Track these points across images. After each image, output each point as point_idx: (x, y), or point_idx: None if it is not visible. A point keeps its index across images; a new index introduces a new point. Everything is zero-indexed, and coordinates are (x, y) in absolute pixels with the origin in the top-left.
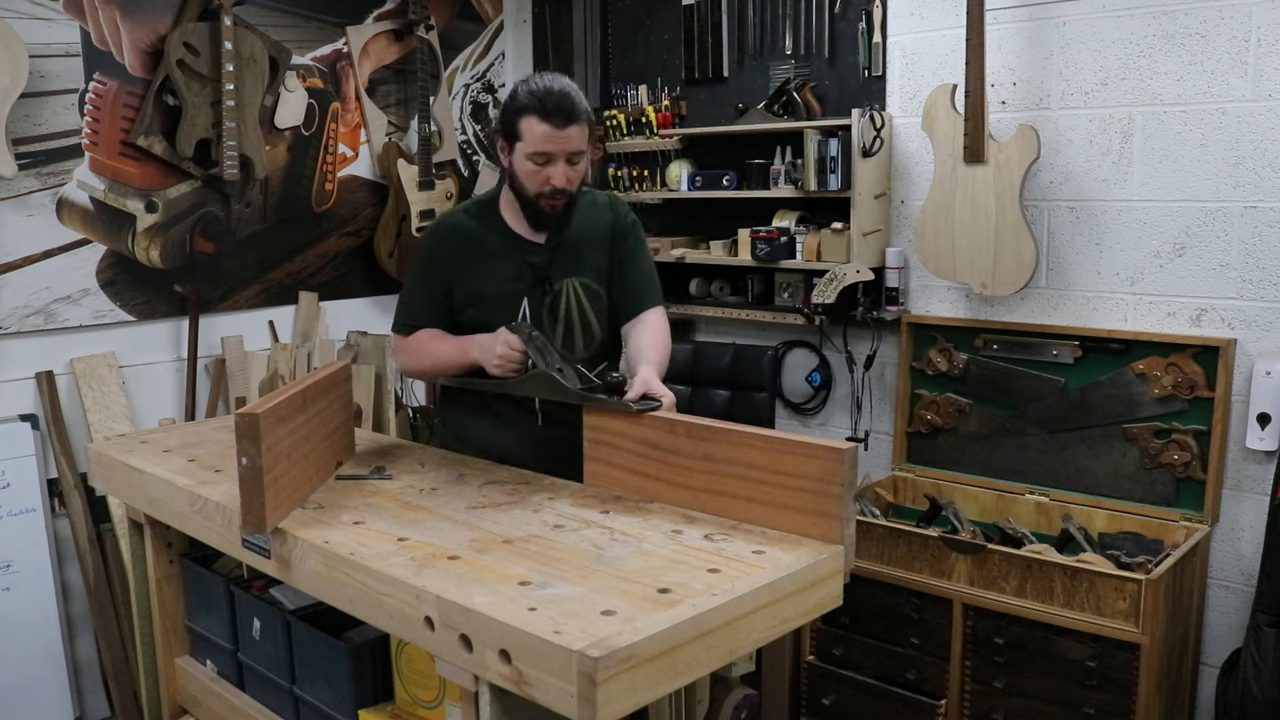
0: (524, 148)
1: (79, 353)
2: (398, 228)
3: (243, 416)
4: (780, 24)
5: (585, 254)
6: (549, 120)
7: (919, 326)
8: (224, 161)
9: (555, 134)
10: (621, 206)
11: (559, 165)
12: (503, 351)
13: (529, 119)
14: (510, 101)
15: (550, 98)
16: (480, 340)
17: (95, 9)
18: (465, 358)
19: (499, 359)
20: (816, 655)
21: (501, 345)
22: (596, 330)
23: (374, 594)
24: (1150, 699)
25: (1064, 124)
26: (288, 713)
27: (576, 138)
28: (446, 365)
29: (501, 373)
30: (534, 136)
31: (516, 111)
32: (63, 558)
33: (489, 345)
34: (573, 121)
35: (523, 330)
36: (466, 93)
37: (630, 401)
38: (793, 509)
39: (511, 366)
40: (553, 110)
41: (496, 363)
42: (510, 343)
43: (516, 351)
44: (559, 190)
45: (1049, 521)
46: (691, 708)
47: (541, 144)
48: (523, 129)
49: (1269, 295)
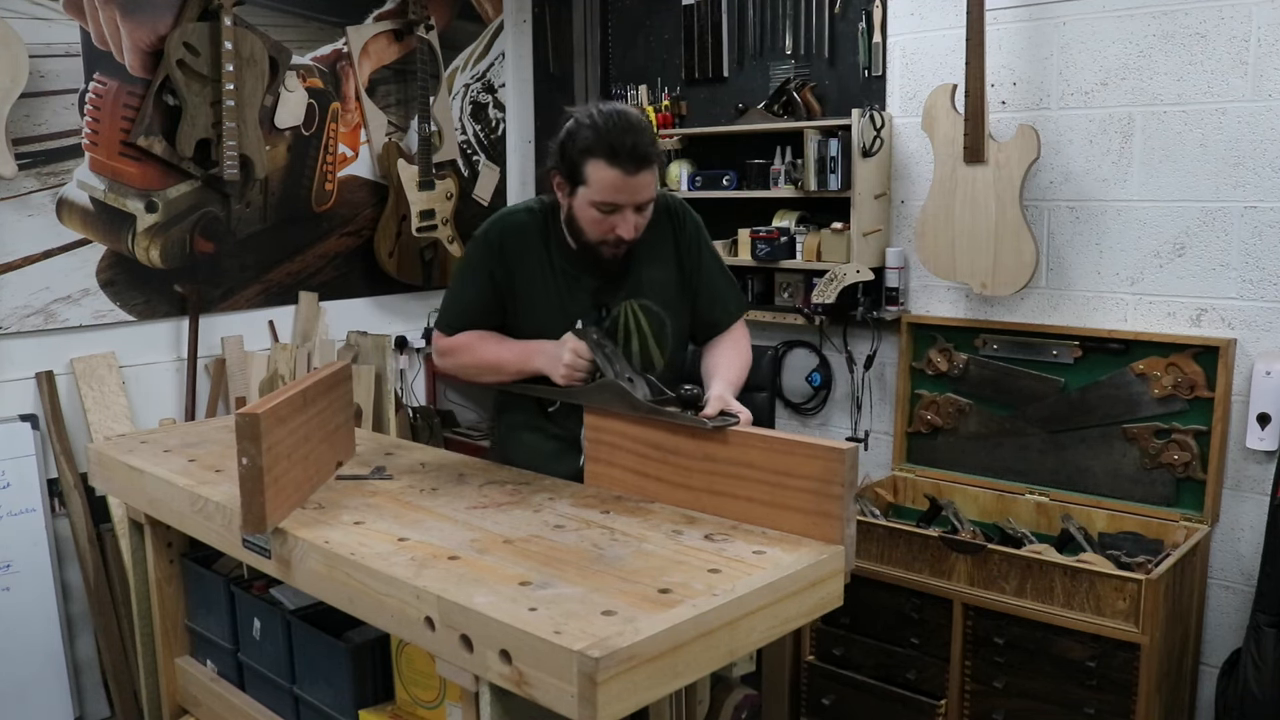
0: (588, 194)
1: (79, 353)
2: (398, 228)
3: (243, 416)
4: (780, 24)
5: (645, 272)
6: (619, 166)
7: (919, 326)
8: (224, 161)
9: (626, 182)
10: (681, 211)
11: (627, 215)
12: (570, 359)
13: (596, 163)
14: (571, 139)
15: (621, 138)
16: (545, 346)
17: (95, 9)
18: (526, 364)
19: (566, 366)
20: (816, 655)
21: (569, 353)
22: (656, 355)
23: (374, 594)
24: (1150, 699)
25: (1064, 124)
26: (288, 713)
27: (648, 185)
28: (502, 369)
29: (568, 381)
30: (602, 185)
31: (582, 153)
32: (63, 558)
33: (555, 352)
34: (645, 166)
35: (590, 335)
36: (466, 93)
37: (706, 417)
38: (793, 509)
39: (579, 375)
40: (625, 155)
41: (564, 371)
42: (578, 350)
43: (584, 359)
44: (623, 241)
45: (1049, 521)
46: (692, 708)
47: (610, 194)
48: (589, 174)
49: (1269, 295)
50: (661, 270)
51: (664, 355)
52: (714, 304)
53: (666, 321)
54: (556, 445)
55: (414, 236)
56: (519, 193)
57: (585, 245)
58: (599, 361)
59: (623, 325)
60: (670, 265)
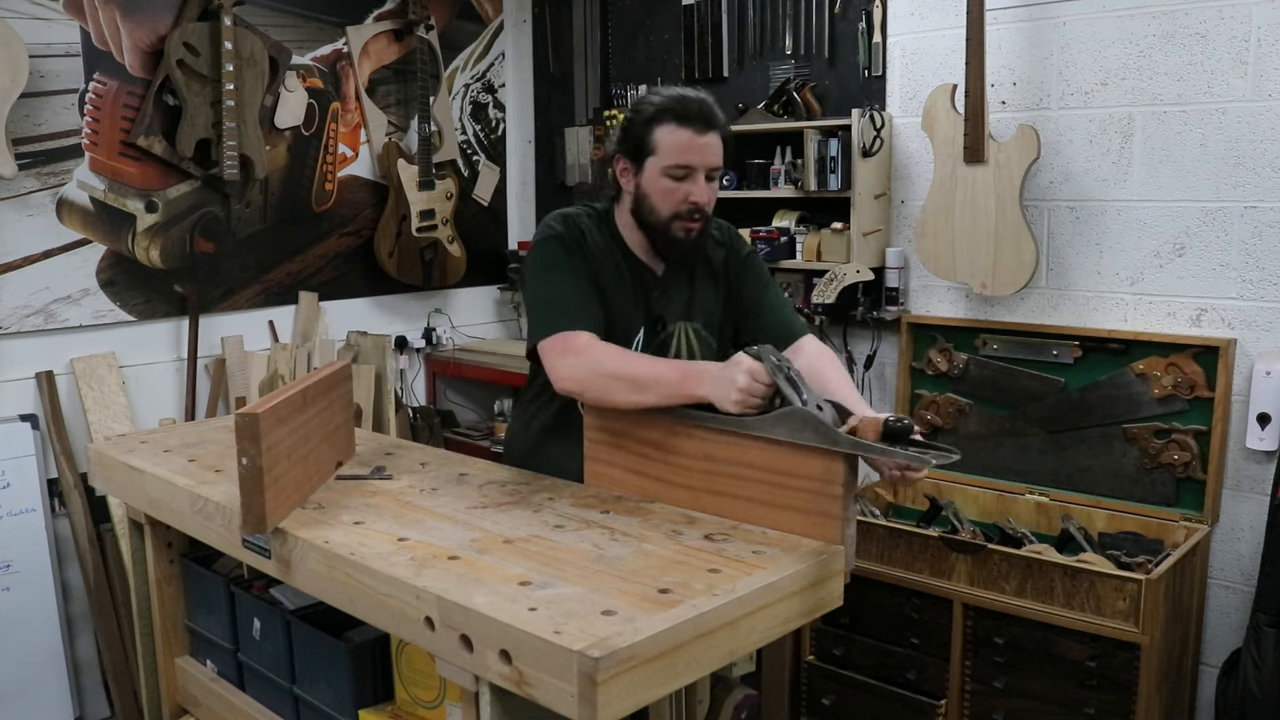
0: (659, 161)
1: (79, 353)
2: (398, 228)
3: (243, 416)
4: (780, 24)
5: (697, 295)
6: (690, 125)
7: (919, 326)
8: (224, 161)
9: (697, 141)
10: (736, 237)
11: (699, 180)
12: (745, 384)
13: (666, 126)
14: (637, 115)
15: (688, 102)
16: (711, 369)
17: (95, 9)
18: (685, 388)
19: (741, 391)
20: (816, 655)
21: (745, 376)
22: None
23: (374, 594)
24: (1150, 699)
25: (1064, 124)
26: (288, 713)
27: (717, 148)
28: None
29: (741, 410)
30: (673, 146)
31: (649, 121)
32: (63, 558)
33: (725, 377)
34: (713, 128)
35: (769, 357)
36: (466, 93)
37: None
38: (793, 509)
39: (754, 402)
40: (695, 115)
41: (736, 397)
42: (755, 373)
43: (762, 384)
44: (698, 209)
45: (1049, 521)
46: (692, 708)
47: (683, 154)
48: (658, 140)
49: (1269, 295)
50: (710, 292)
51: None
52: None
53: (714, 346)
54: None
55: (414, 236)
56: (519, 193)
57: (657, 227)
58: (782, 386)
59: (674, 346)
60: (719, 287)
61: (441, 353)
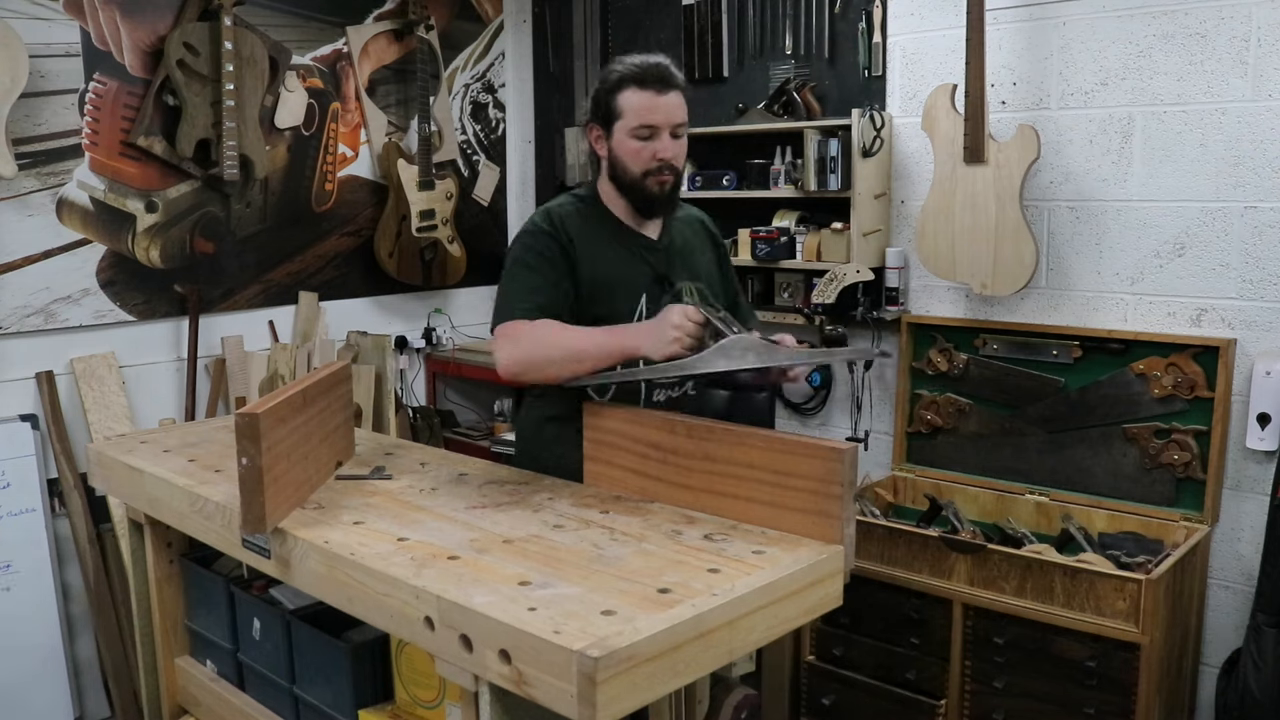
0: (625, 124)
1: (79, 353)
2: (398, 228)
3: (243, 416)
4: (780, 24)
5: (697, 260)
6: (649, 87)
7: (919, 326)
8: (224, 161)
9: (657, 101)
10: (712, 224)
11: (664, 137)
12: (679, 321)
13: (628, 91)
14: (602, 84)
15: (647, 66)
16: (641, 324)
17: (95, 9)
18: (619, 345)
19: (675, 329)
20: (816, 655)
21: (678, 315)
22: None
23: (374, 594)
24: (1150, 699)
25: (1064, 124)
26: (288, 713)
27: (677, 106)
28: (588, 355)
29: (679, 346)
30: (636, 108)
31: (612, 89)
32: (63, 558)
33: (656, 325)
34: (672, 87)
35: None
36: (466, 93)
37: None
38: (793, 509)
39: (689, 341)
40: (653, 78)
41: (673, 334)
42: (688, 313)
43: (694, 322)
44: (666, 164)
45: (1049, 521)
46: (691, 708)
47: (645, 115)
48: (622, 104)
49: (1269, 295)
50: (705, 260)
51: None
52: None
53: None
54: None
55: (414, 236)
56: (519, 193)
57: (632, 184)
58: (714, 320)
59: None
60: (710, 259)
61: (441, 353)
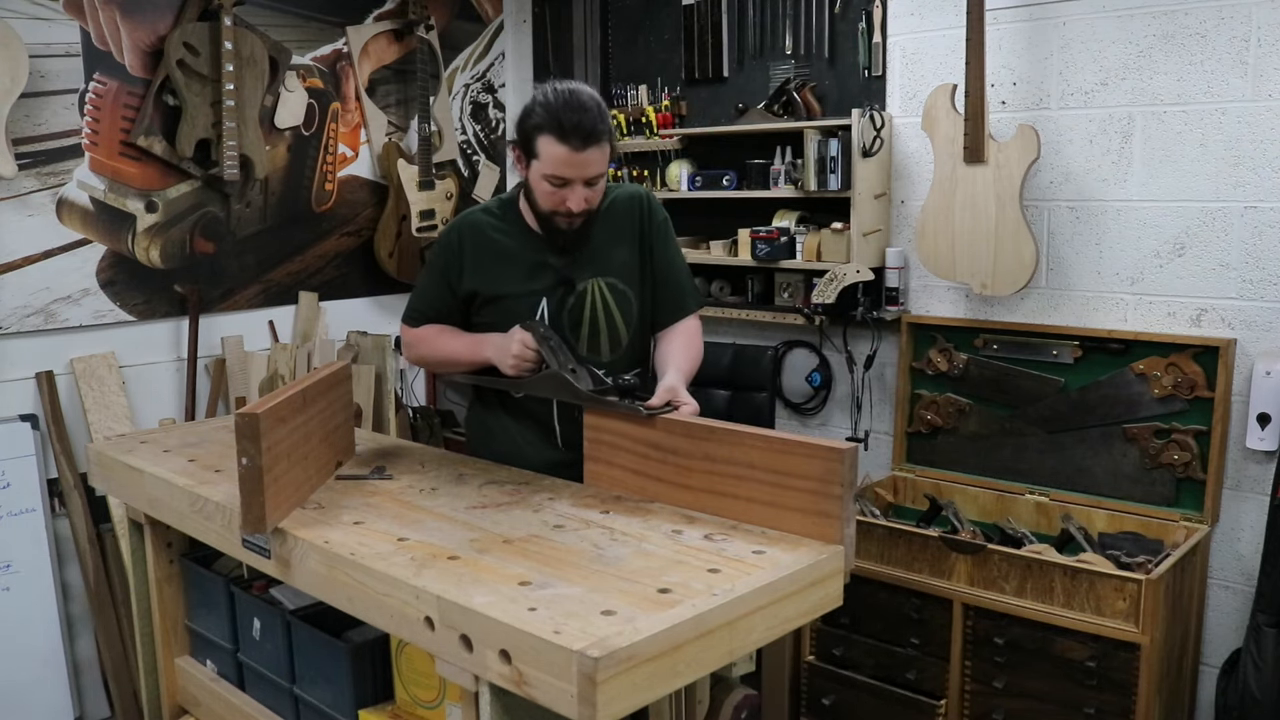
0: (540, 168)
1: (79, 353)
2: (398, 228)
3: (243, 416)
4: (780, 24)
5: (611, 253)
6: (566, 142)
7: (919, 326)
8: (224, 161)
9: (573, 157)
10: (651, 202)
11: (576, 189)
12: (518, 350)
13: (545, 138)
14: (526, 116)
15: (569, 116)
16: (494, 339)
17: (95, 9)
18: (477, 355)
19: (514, 358)
20: (816, 655)
21: (518, 344)
22: (623, 332)
23: (374, 594)
24: (1150, 699)
25: (1064, 124)
26: (288, 713)
27: (596, 161)
28: (455, 361)
29: (516, 372)
30: (550, 159)
31: (534, 129)
32: (63, 558)
33: (503, 345)
34: (592, 143)
35: (537, 329)
36: (466, 93)
37: (645, 406)
38: (793, 509)
39: (526, 366)
40: (571, 131)
41: (511, 362)
42: (526, 341)
43: (531, 350)
44: (574, 214)
45: (1049, 521)
46: (691, 708)
47: (559, 168)
48: (540, 148)
49: (1269, 295)
50: (627, 252)
51: (629, 332)
52: (673, 294)
53: (632, 300)
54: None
55: (414, 236)
56: None
57: (542, 216)
58: (544, 353)
59: (589, 302)
60: (634, 248)
61: None
